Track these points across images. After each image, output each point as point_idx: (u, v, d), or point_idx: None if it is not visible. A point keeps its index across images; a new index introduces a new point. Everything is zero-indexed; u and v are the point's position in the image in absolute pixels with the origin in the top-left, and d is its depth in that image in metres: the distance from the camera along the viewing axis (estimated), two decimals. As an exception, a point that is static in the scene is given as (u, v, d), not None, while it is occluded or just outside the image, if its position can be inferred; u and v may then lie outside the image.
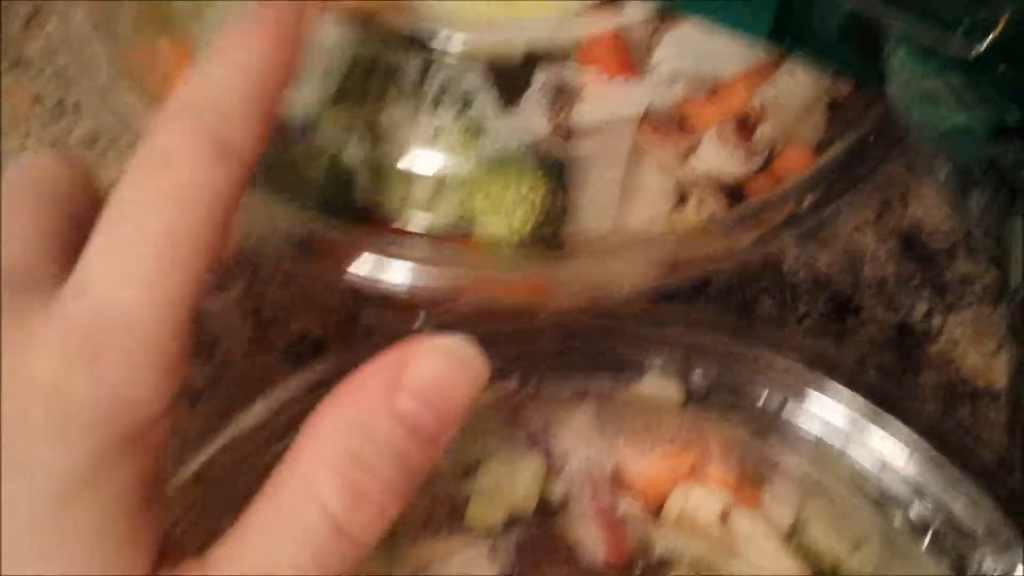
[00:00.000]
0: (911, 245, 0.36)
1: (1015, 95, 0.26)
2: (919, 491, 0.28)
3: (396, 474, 0.22)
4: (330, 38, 0.29)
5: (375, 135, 0.29)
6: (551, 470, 0.30)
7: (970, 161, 0.25)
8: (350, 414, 0.22)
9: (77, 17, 0.32)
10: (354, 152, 0.29)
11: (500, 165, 0.28)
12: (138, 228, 0.22)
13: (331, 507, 0.21)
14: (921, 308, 0.35)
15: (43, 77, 0.39)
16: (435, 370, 0.23)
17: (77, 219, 0.24)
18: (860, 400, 0.29)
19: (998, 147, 0.25)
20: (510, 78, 0.29)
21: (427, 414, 0.22)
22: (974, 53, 0.25)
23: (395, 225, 0.29)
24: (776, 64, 0.29)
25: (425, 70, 0.29)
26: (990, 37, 0.25)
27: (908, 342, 0.35)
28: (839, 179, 0.29)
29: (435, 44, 0.29)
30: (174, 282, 0.21)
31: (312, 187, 0.30)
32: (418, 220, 0.29)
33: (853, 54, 0.27)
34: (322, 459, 0.22)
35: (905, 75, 0.26)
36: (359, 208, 0.29)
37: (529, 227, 0.28)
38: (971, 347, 0.35)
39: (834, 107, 0.30)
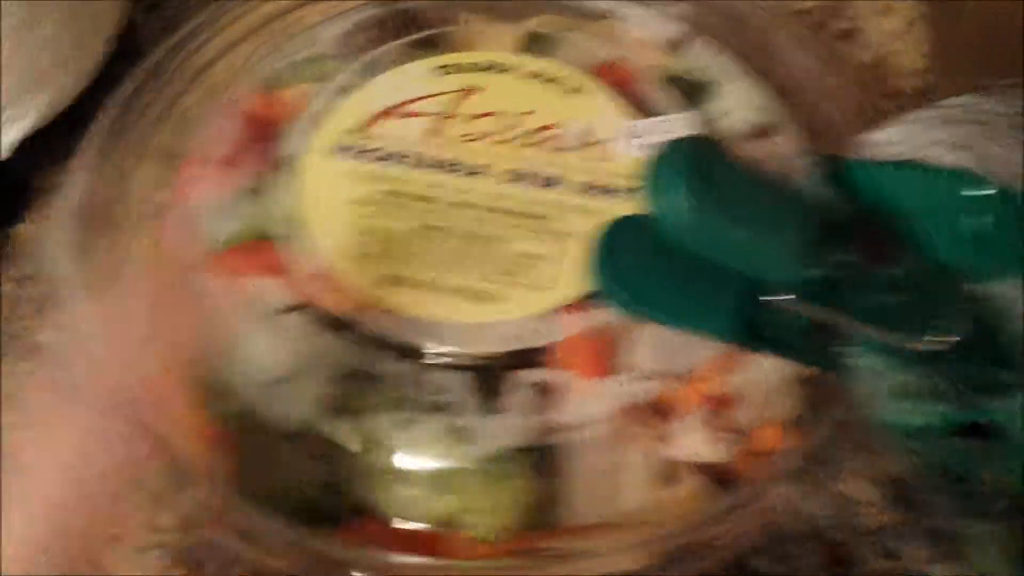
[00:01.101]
0: (900, 489, 0.37)
1: (969, 383, 0.27)
2: None
3: None
4: (317, 345, 0.31)
5: (363, 440, 0.30)
6: None
7: (932, 463, 0.26)
8: None
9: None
10: (343, 456, 0.30)
11: (488, 466, 0.29)
12: None
13: None
14: (919, 556, 0.36)
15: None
16: None
17: None
18: None
19: (958, 445, 0.26)
20: (493, 381, 0.30)
21: None
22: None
23: (384, 526, 0.30)
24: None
25: (411, 376, 0.30)
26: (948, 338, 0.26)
27: (910, 594, 0.35)
28: (825, 460, 0.30)
29: (419, 350, 0.30)
30: None
31: (300, 492, 0.31)
32: (407, 521, 0.30)
33: (815, 349, 0.28)
34: None
35: (868, 372, 0.27)
36: (348, 511, 0.30)
37: (519, 525, 0.29)
38: (972, 593, 0.35)
39: (805, 382, 0.32)
